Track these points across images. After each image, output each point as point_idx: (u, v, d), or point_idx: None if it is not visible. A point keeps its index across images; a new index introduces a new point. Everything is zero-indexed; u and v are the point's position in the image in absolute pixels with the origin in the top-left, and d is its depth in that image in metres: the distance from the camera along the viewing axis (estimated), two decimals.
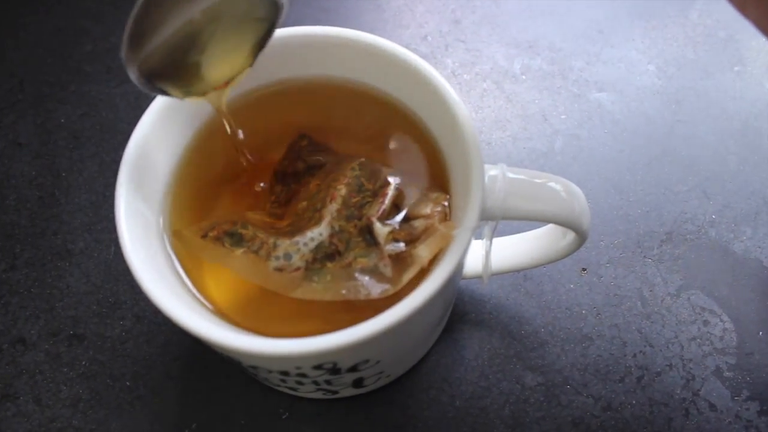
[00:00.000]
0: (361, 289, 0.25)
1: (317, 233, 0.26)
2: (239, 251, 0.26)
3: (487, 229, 0.28)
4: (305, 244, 0.26)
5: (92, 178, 0.40)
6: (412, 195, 0.27)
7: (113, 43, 0.45)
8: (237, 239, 0.26)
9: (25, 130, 0.42)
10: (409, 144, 0.30)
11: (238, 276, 0.26)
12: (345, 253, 0.26)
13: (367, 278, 0.25)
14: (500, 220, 0.26)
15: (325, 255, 0.26)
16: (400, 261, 0.26)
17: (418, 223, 0.26)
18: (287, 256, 0.26)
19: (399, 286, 0.25)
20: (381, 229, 0.26)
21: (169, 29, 0.23)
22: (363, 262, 0.26)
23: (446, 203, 0.27)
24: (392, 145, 0.30)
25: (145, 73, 0.24)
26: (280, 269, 0.26)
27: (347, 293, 0.25)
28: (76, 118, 0.42)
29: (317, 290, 0.25)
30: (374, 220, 0.26)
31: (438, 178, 0.29)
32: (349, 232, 0.26)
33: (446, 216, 0.27)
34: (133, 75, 0.24)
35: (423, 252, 0.25)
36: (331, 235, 0.26)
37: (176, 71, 0.25)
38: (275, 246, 0.26)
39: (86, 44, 0.45)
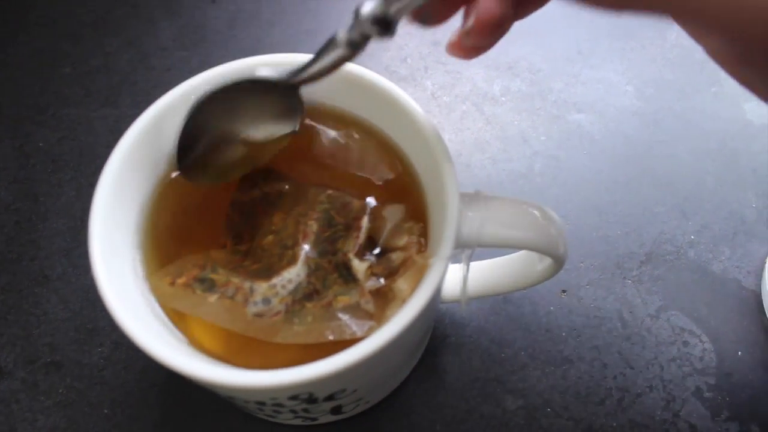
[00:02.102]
0: (345, 328, 0.25)
1: (294, 274, 0.26)
2: (213, 297, 0.26)
3: (464, 255, 0.28)
4: (283, 287, 0.25)
5: (70, 203, 0.40)
6: (385, 226, 0.27)
7: (92, 65, 0.45)
8: (209, 285, 0.26)
9: (2, 153, 0.42)
10: (384, 170, 0.30)
11: (215, 324, 0.26)
12: (323, 292, 0.26)
13: (349, 317, 0.25)
14: (476, 247, 0.26)
15: (304, 295, 0.26)
16: (381, 296, 0.26)
17: (396, 256, 0.26)
18: (266, 301, 0.25)
19: (383, 323, 0.24)
20: (359, 266, 0.26)
21: (213, 149, 0.28)
22: (344, 300, 0.25)
23: (420, 233, 0.27)
24: (368, 171, 0.30)
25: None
26: (259, 315, 0.25)
27: (331, 334, 0.25)
28: (55, 142, 0.42)
29: (300, 333, 0.25)
30: (351, 256, 0.26)
31: (414, 203, 0.29)
32: (325, 269, 0.26)
33: (422, 245, 0.26)
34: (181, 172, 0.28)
35: (403, 285, 0.25)
36: (308, 275, 0.26)
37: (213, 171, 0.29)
38: (252, 291, 0.25)
39: (65, 67, 0.45)
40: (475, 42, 0.23)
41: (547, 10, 0.25)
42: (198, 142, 0.27)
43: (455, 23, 0.24)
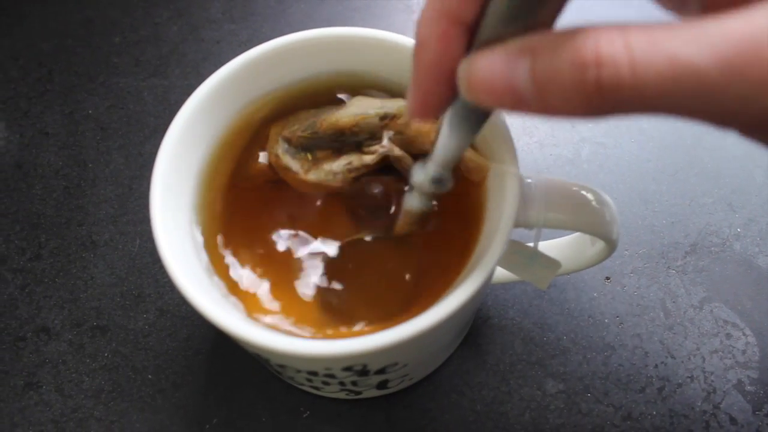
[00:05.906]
0: None
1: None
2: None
3: (533, 234, 0.28)
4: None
5: (118, 170, 0.40)
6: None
7: (142, 35, 0.46)
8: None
9: (52, 120, 0.42)
10: None
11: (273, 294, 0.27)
12: None
13: None
14: (542, 227, 0.26)
15: None
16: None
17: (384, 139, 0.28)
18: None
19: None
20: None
21: None
22: None
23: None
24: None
25: None
26: None
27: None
28: (104, 110, 0.43)
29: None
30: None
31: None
32: None
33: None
34: None
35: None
36: None
37: None
38: None
39: (115, 36, 0.46)
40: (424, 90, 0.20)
41: None
42: None
43: None
